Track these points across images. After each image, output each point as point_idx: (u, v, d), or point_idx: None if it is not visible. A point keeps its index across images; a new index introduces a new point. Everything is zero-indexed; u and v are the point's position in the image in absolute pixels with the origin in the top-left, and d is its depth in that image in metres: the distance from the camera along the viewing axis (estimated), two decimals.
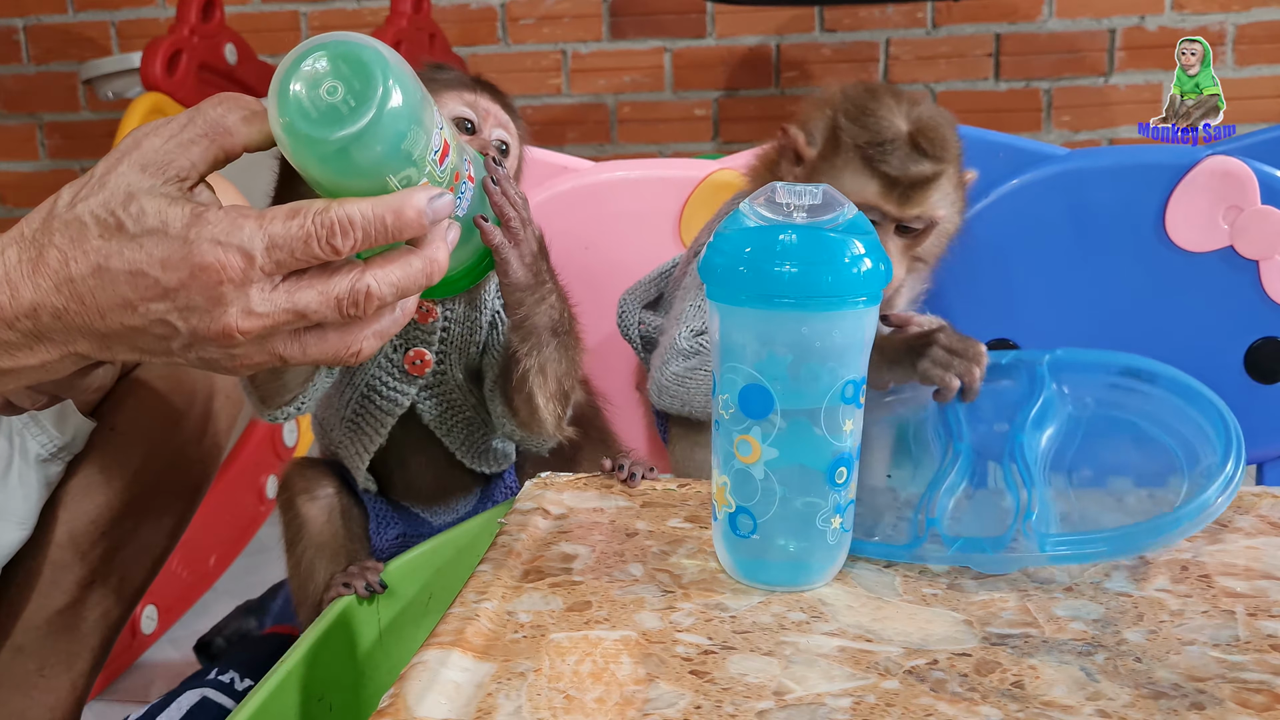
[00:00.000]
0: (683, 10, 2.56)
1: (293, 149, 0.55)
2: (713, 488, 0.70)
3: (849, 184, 0.93)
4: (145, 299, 0.56)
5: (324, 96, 0.54)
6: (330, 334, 0.59)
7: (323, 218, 0.55)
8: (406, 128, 0.56)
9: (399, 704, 0.56)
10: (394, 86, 0.55)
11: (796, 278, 0.63)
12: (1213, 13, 2.41)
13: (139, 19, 2.77)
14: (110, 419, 1.04)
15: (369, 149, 0.55)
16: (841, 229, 0.64)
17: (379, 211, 0.56)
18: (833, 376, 0.65)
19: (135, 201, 0.56)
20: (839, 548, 0.69)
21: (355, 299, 0.57)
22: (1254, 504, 0.80)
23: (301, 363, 0.60)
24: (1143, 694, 0.56)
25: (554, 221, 1.20)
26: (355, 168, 0.55)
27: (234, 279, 0.55)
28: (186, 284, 0.55)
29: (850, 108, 0.95)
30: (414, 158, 0.57)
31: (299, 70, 0.55)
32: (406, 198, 0.56)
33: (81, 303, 0.57)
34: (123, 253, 0.56)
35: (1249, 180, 1.15)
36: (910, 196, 0.94)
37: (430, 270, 0.59)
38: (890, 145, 0.93)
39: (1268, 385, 1.21)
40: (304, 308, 0.57)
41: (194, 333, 0.57)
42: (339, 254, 0.56)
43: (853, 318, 0.65)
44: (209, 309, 0.56)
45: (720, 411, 0.68)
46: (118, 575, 1.05)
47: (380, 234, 0.56)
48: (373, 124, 0.54)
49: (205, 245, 0.55)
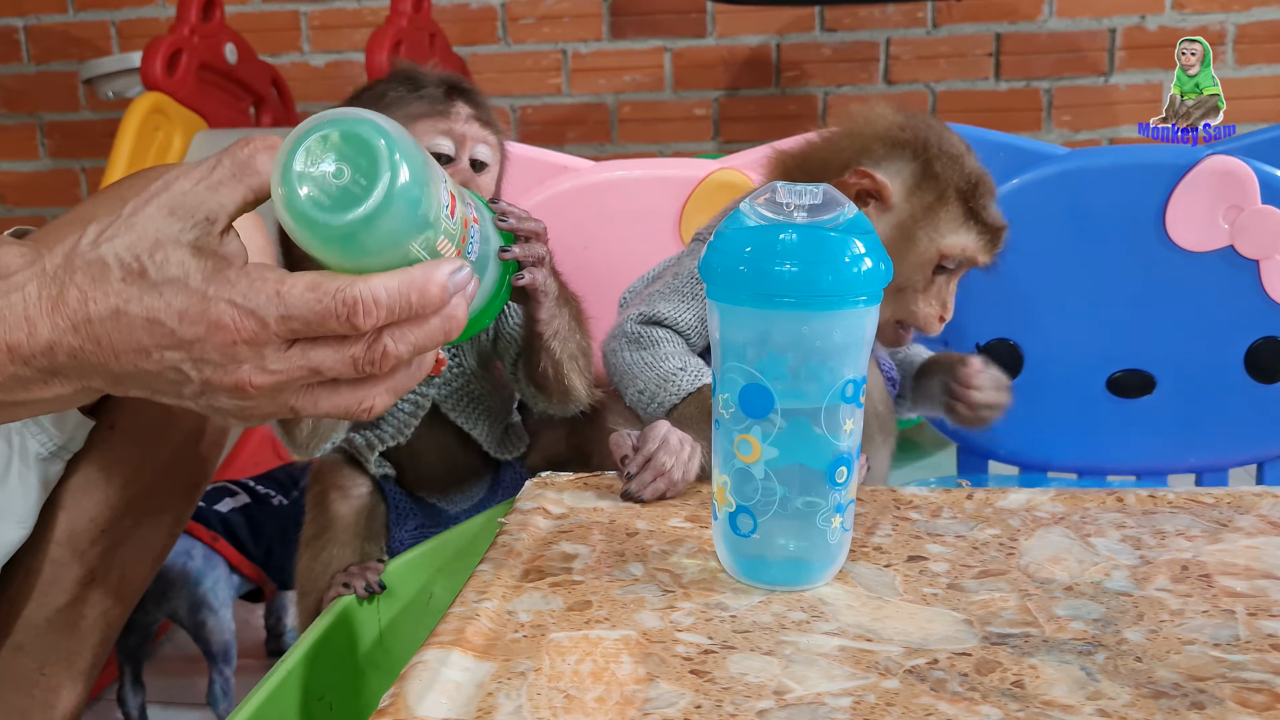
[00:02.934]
0: (683, 10, 2.56)
1: (308, 237, 0.54)
2: (713, 487, 0.70)
3: (951, 236, 0.92)
4: (160, 346, 0.56)
5: (332, 180, 0.53)
6: (344, 389, 0.58)
7: (345, 295, 0.54)
8: (419, 195, 0.55)
9: (399, 704, 0.56)
10: (400, 159, 0.53)
11: (797, 277, 0.63)
12: (1213, 12, 2.41)
13: (139, 19, 2.77)
14: (109, 418, 1.04)
15: (387, 224, 0.54)
16: (842, 228, 0.64)
17: (404, 290, 0.55)
18: (833, 376, 0.65)
19: (161, 249, 0.55)
20: (839, 547, 0.69)
21: (372, 358, 0.56)
22: (1254, 504, 0.80)
23: (313, 414, 0.59)
24: (1143, 693, 0.56)
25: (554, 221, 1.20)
26: (373, 245, 0.54)
27: (248, 340, 0.55)
28: (202, 339, 0.55)
29: (941, 152, 0.92)
30: (430, 220, 0.56)
31: (302, 158, 0.54)
32: (430, 274, 0.55)
33: (98, 344, 0.57)
34: (142, 299, 0.56)
35: (1249, 180, 1.15)
36: (996, 241, 0.94)
37: (449, 328, 0.58)
38: (983, 187, 0.92)
39: (1268, 385, 1.21)
40: (319, 365, 0.56)
41: (207, 383, 0.57)
42: (358, 331, 0.55)
43: (853, 317, 0.65)
44: (223, 364, 0.56)
45: (720, 411, 0.68)
46: (118, 574, 1.05)
47: (404, 312, 0.55)
48: (387, 199, 0.53)
49: (222, 305, 0.55)
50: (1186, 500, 0.81)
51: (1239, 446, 1.24)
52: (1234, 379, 1.21)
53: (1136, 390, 1.23)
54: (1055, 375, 1.23)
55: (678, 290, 0.99)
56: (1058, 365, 1.23)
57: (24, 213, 2.91)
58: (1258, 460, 1.25)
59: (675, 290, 0.99)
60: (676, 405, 0.93)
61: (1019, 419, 1.23)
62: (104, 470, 1.03)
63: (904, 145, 0.93)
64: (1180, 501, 0.81)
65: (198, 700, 1.42)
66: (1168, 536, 0.75)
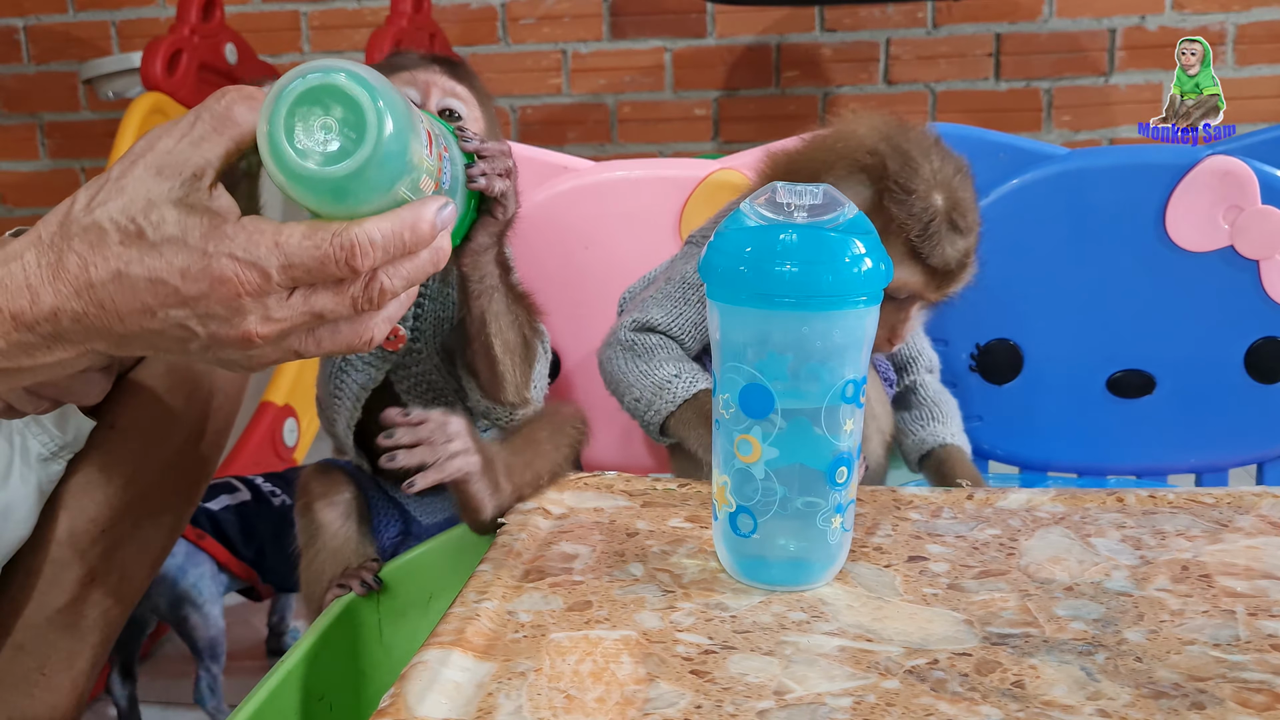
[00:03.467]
0: (683, 10, 2.56)
1: (300, 191, 0.55)
2: (713, 487, 0.70)
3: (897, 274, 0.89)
4: (165, 305, 0.57)
5: (320, 134, 0.54)
6: (343, 326, 0.60)
7: (342, 239, 0.56)
8: (405, 142, 0.56)
9: (399, 704, 0.56)
10: (384, 108, 0.54)
11: (797, 277, 0.63)
12: (1213, 12, 2.41)
13: (139, 19, 2.77)
14: (110, 418, 1.04)
15: (376, 173, 0.55)
16: (842, 228, 0.64)
17: (398, 230, 0.57)
18: (833, 376, 0.65)
19: (156, 209, 0.56)
20: (840, 547, 0.69)
21: (370, 296, 0.58)
22: (1254, 504, 0.80)
23: (316, 354, 0.61)
24: (1143, 694, 0.56)
25: (554, 221, 1.21)
26: (363, 192, 0.56)
27: (251, 293, 0.56)
28: (206, 294, 0.56)
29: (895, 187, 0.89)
30: (414, 163, 0.57)
31: (287, 112, 0.55)
32: (419, 212, 0.57)
33: (101, 308, 0.58)
34: (143, 260, 0.56)
35: (1249, 180, 1.15)
36: (949, 282, 0.92)
37: (436, 259, 0.60)
38: (933, 230, 0.89)
39: (1268, 385, 1.21)
40: (321, 309, 0.58)
41: (213, 337, 0.58)
42: (357, 274, 0.57)
43: (853, 317, 0.65)
44: (228, 317, 0.57)
45: (720, 411, 0.68)
46: (118, 574, 1.05)
47: (398, 250, 0.57)
48: (376, 150, 0.54)
49: (224, 260, 0.56)
50: (1187, 500, 0.81)
51: (1239, 447, 1.24)
52: (1234, 379, 1.21)
53: (1136, 390, 1.23)
54: (1055, 375, 1.23)
55: (670, 295, 0.99)
56: (1058, 365, 1.23)
57: (24, 213, 2.91)
58: (1258, 460, 1.25)
59: (668, 296, 0.99)
60: (674, 412, 0.93)
61: (1019, 419, 1.24)
62: (104, 470, 1.03)
63: (863, 170, 0.91)
64: (1180, 502, 0.81)
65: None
66: (1168, 537, 0.75)
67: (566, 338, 1.21)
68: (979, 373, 1.24)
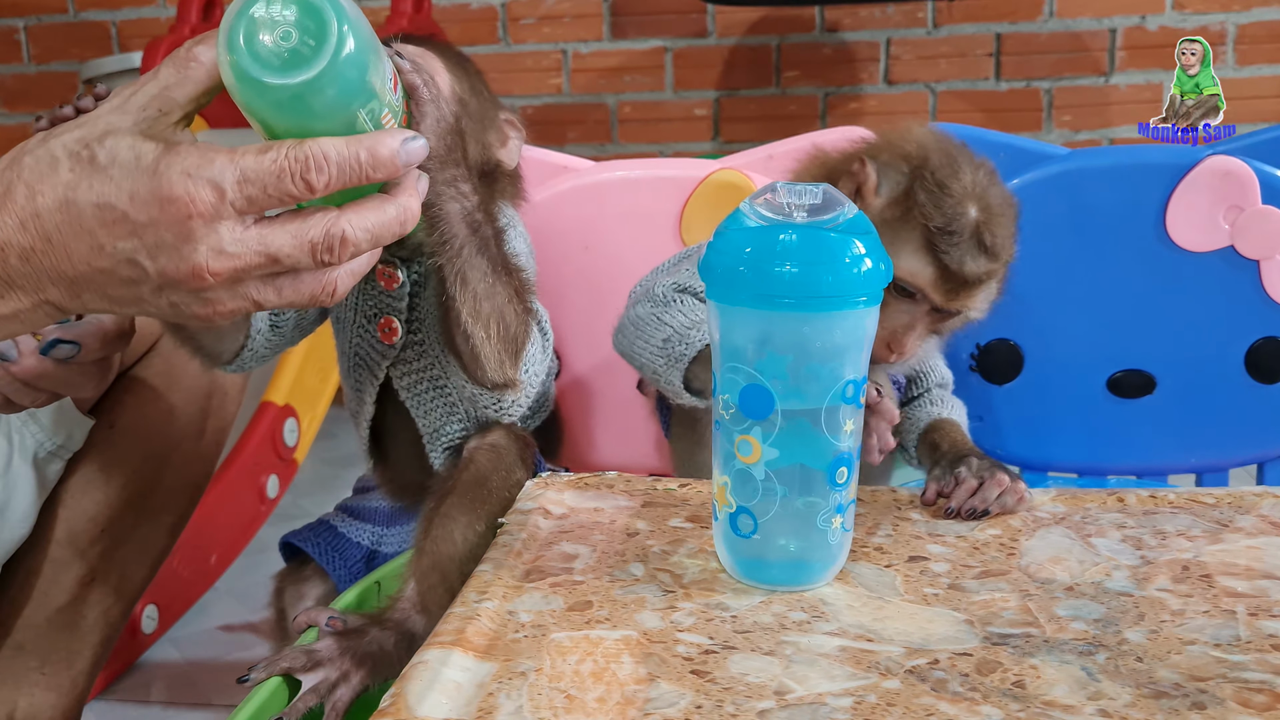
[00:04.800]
0: (683, 10, 2.56)
1: (256, 100, 0.54)
2: (713, 488, 0.70)
3: (905, 259, 0.90)
4: (113, 236, 0.55)
5: (280, 41, 0.53)
6: (305, 276, 0.58)
7: (296, 152, 0.54)
8: (366, 60, 0.55)
9: (400, 704, 0.56)
10: (347, 25, 0.53)
11: (797, 278, 0.63)
12: (1213, 12, 2.41)
13: (140, 19, 2.77)
14: (109, 417, 1.04)
15: (335, 87, 0.54)
16: (842, 228, 0.64)
17: (353, 148, 0.55)
18: (833, 376, 0.65)
19: (112, 137, 0.55)
20: (840, 547, 0.69)
21: (330, 243, 0.56)
22: (1255, 504, 0.80)
23: (278, 306, 0.58)
24: (1144, 694, 0.56)
25: (554, 221, 1.21)
26: (321, 108, 0.54)
27: (203, 213, 0.54)
28: (156, 220, 0.54)
29: (929, 179, 0.90)
30: (374, 90, 0.56)
31: (247, 17, 0.54)
32: (379, 137, 0.56)
33: (48, 241, 0.55)
34: (91, 184, 0.54)
35: (1250, 180, 1.15)
36: (959, 293, 0.91)
37: (404, 218, 0.58)
38: (957, 236, 0.89)
39: (1268, 385, 1.21)
40: (276, 250, 0.55)
41: (163, 274, 0.55)
42: (313, 190, 0.54)
43: (853, 318, 0.65)
44: (178, 245, 0.54)
45: (720, 411, 0.68)
46: (118, 573, 1.05)
47: (355, 171, 0.55)
48: (335, 60, 0.53)
49: (175, 176, 0.53)
50: (1187, 500, 0.81)
51: (1239, 447, 1.24)
52: (1234, 379, 1.21)
53: (1137, 390, 1.23)
54: (1055, 375, 1.23)
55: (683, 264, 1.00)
56: (1058, 365, 1.23)
57: None
58: (1258, 460, 1.25)
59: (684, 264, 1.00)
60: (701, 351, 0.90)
61: (1019, 419, 1.23)
62: (104, 469, 1.03)
63: (904, 158, 0.92)
64: (1181, 501, 0.81)
65: (198, 700, 1.42)
66: (1168, 536, 0.75)
67: (567, 338, 1.21)
68: (979, 373, 1.24)
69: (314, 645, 0.82)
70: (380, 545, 1.08)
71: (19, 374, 0.83)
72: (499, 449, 0.93)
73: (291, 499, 1.87)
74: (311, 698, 0.79)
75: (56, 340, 0.83)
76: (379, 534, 1.09)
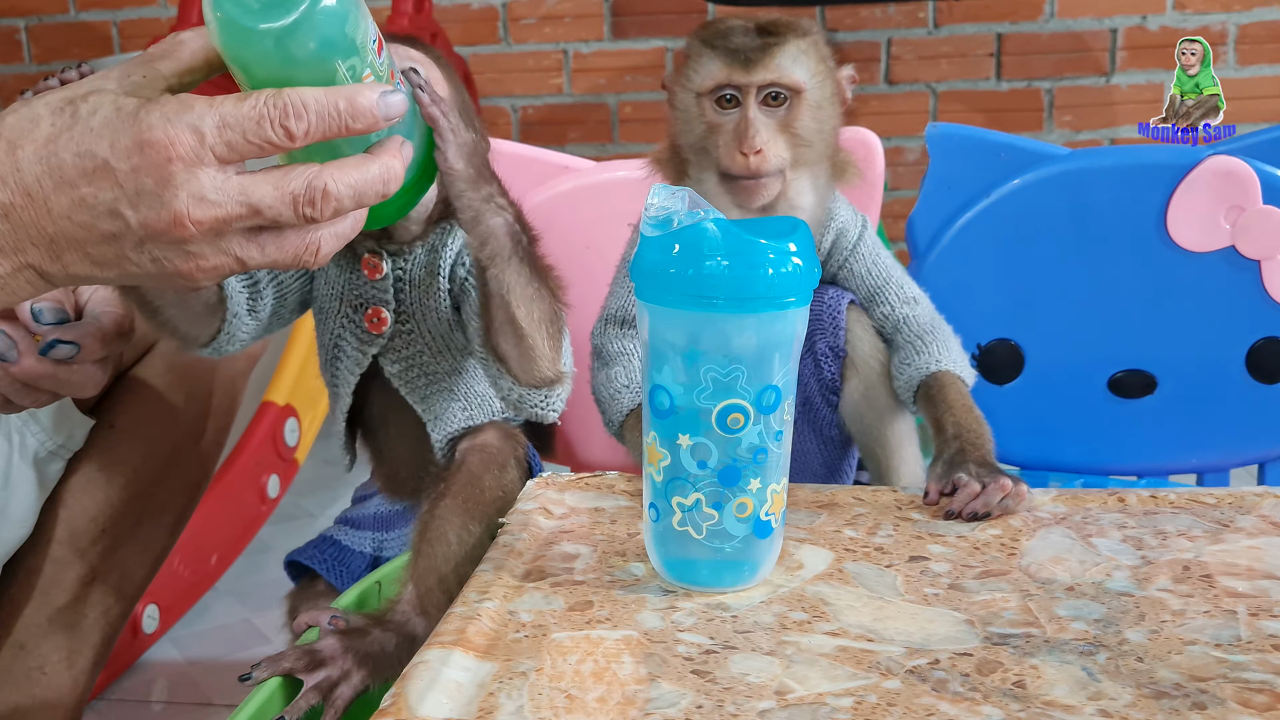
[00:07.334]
0: (684, 10, 2.56)
1: (236, 44, 0.55)
2: (643, 488, 0.70)
3: (700, 74, 0.93)
4: (95, 186, 0.54)
5: None
6: (289, 233, 0.58)
7: (275, 99, 0.54)
8: (347, 12, 0.55)
9: (400, 704, 0.56)
10: None
11: (723, 279, 0.63)
12: (1214, 12, 2.41)
13: (141, 19, 2.77)
14: (109, 416, 1.04)
15: (315, 34, 0.54)
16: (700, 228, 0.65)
17: (332, 98, 0.55)
18: (759, 378, 0.65)
19: (95, 95, 0.55)
20: (770, 548, 0.69)
21: (312, 197, 0.56)
22: (1255, 504, 0.80)
23: (261, 265, 0.58)
24: (1144, 694, 0.56)
25: (555, 221, 1.21)
26: (301, 56, 0.54)
27: (184, 156, 0.54)
28: (137, 168, 0.54)
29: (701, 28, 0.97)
30: (358, 45, 0.56)
31: None
32: (358, 88, 0.56)
33: (29, 196, 0.55)
34: (72, 135, 0.54)
35: (1250, 180, 1.15)
36: (754, 61, 0.93)
37: (387, 178, 0.58)
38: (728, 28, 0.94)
39: (1269, 385, 1.21)
40: (258, 201, 0.55)
41: (145, 226, 0.55)
42: (292, 137, 0.55)
43: (779, 320, 0.65)
44: (158, 192, 0.54)
45: (647, 411, 0.68)
46: (118, 573, 1.05)
47: (333, 121, 0.55)
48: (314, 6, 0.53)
49: (155, 120, 0.54)
50: (1188, 500, 0.81)
51: (1240, 447, 1.24)
52: (1235, 379, 1.21)
53: (1138, 390, 1.23)
54: (1056, 375, 1.23)
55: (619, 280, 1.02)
56: (1059, 365, 1.23)
57: None
58: (1259, 460, 1.25)
59: (619, 281, 1.02)
60: (624, 420, 0.94)
61: (1020, 419, 1.23)
62: (104, 469, 1.03)
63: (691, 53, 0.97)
64: (1182, 502, 0.81)
65: (199, 700, 1.42)
66: (1169, 537, 0.75)
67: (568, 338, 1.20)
68: (980, 373, 1.24)
69: (316, 645, 0.82)
70: (382, 551, 1.08)
71: (19, 374, 0.83)
72: (490, 449, 0.94)
73: (292, 499, 1.87)
74: (313, 696, 0.80)
75: (56, 340, 0.83)
76: (380, 540, 1.09)
